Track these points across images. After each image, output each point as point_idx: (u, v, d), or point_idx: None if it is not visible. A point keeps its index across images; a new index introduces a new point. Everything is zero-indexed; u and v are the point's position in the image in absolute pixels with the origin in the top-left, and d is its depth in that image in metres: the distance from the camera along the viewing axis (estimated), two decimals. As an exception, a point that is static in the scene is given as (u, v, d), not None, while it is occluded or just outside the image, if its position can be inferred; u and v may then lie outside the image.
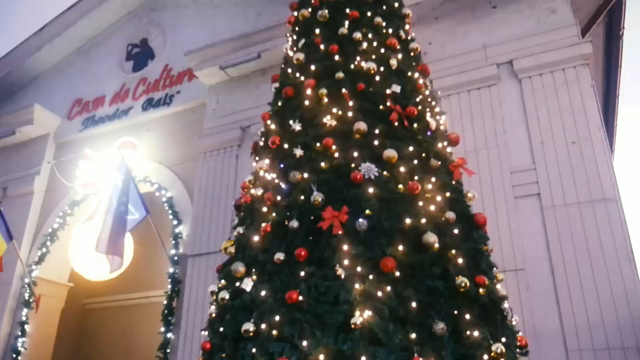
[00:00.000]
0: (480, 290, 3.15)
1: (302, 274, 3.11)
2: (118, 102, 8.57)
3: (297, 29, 4.56)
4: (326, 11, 4.30)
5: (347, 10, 4.27)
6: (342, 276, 3.01)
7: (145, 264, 8.45)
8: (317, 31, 4.27)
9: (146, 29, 9.07)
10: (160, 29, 8.88)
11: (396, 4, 4.60)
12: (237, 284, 3.34)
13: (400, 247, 3.12)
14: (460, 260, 3.19)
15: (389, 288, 2.99)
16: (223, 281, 3.59)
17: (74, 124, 8.95)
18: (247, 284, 3.27)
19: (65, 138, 8.96)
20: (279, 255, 3.23)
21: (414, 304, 2.95)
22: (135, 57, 8.93)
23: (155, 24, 9.00)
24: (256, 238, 3.44)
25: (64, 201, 8.28)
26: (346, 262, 3.06)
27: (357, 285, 2.96)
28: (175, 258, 6.81)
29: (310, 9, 4.47)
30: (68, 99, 9.25)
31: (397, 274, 3.05)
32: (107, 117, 8.56)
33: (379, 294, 2.94)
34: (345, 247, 3.11)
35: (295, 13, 4.68)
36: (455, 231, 3.32)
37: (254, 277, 3.31)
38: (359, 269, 3.04)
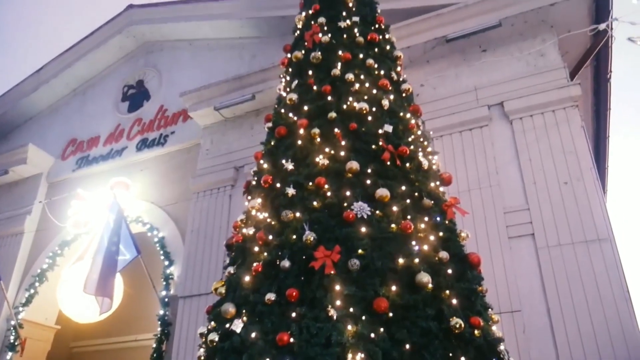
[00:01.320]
0: (476, 331, 3.08)
1: (294, 314, 3.04)
2: (112, 142, 8.61)
3: (290, 70, 4.62)
4: (319, 53, 4.37)
5: (340, 52, 4.34)
6: (334, 317, 2.94)
7: (135, 306, 8.30)
8: (310, 72, 4.33)
9: (142, 70, 9.21)
10: (157, 70, 9.01)
11: (388, 47, 4.68)
12: (227, 325, 3.26)
13: (394, 287, 3.07)
14: (454, 301, 3.13)
15: (382, 329, 2.92)
16: (213, 323, 3.50)
17: (68, 164, 8.95)
18: (237, 326, 3.19)
19: (58, 178, 8.95)
20: (270, 296, 3.17)
21: (407, 346, 2.88)
22: (130, 98, 9.02)
23: (151, 66, 9.14)
24: (247, 278, 3.38)
25: (54, 241, 8.19)
26: (338, 302, 3.00)
27: (349, 327, 2.89)
28: (166, 299, 6.68)
29: (303, 51, 4.54)
30: (62, 139, 9.29)
31: (391, 314, 2.98)
32: (101, 157, 8.58)
33: (372, 335, 2.87)
34: (337, 287, 3.05)
35: (289, 55, 4.76)
36: (449, 271, 3.27)
37: (245, 318, 3.23)
38: (351, 309, 2.98)
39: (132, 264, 6.33)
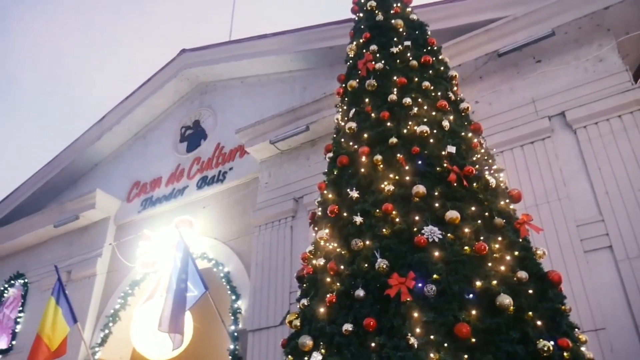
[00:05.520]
0: (565, 353, 2.95)
1: (373, 344, 3.01)
2: (174, 182, 8.90)
3: (346, 99, 4.67)
4: (374, 80, 4.40)
5: (395, 78, 4.36)
6: (415, 345, 2.89)
7: (205, 341, 8.39)
8: (367, 100, 4.36)
9: (198, 111, 9.53)
10: (211, 110, 9.31)
11: (442, 67, 4.67)
12: (306, 358, 3.26)
13: (473, 312, 3.00)
14: (539, 322, 3.02)
15: (466, 356, 2.85)
16: (290, 356, 3.51)
17: (133, 206, 9.30)
18: (316, 358, 3.19)
19: (125, 220, 9.30)
20: (347, 326, 3.15)
21: (494, 372, 2.79)
22: (188, 138, 9.33)
23: (206, 106, 9.45)
24: (322, 309, 3.39)
25: (125, 281, 8.47)
26: (418, 330, 2.95)
27: (432, 354, 2.83)
28: (235, 334, 6.75)
29: (357, 80, 4.59)
30: (127, 182, 9.68)
31: (473, 340, 2.91)
32: (164, 197, 8.86)
33: (457, 362, 2.80)
34: (415, 314, 3.01)
35: (344, 84, 4.82)
36: (530, 291, 3.16)
37: (323, 350, 3.22)
38: (432, 336, 2.92)
39: (200, 299, 6.45)
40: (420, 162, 3.72)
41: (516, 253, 3.38)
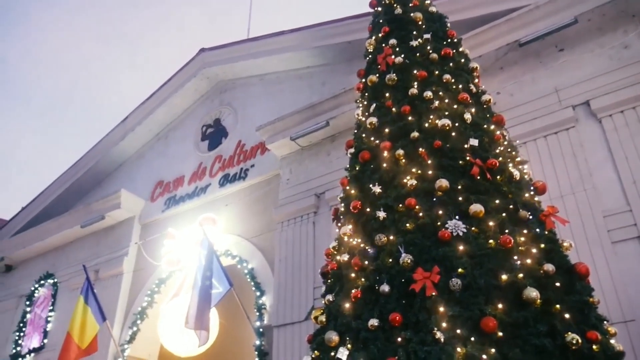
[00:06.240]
0: (594, 346, 2.91)
1: (399, 339, 3.02)
2: (196, 180, 8.99)
3: (366, 94, 4.66)
4: (394, 74, 4.38)
5: (415, 71, 4.33)
6: (442, 340, 2.88)
7: (231, 337, 8.49)
8: (387, 94, 4.35)
9: (218, 109, 9.61)
10: (232, 108, 9.37)
11: (462, 60, 4.62)
12: (332, 353, 3.28)
13: (500, 305, 2.98)
14: (567, 315, 2.98)
15: (493, 350, 2.83)
16: (316, 351, 3.53)
17: (157, 205, 9.43)
18: (343, 354, 3.20)
19: (150, 219, 9.43)
20: (373, 322, 3.16)
21: (522, 366, 2.77)
22: (209, 137, 9.42)
23: (226, 104, 9.52)
24: (347, 305, 3.40)
25: (151, 279, 8.60)
26: (444, 324, 2.94)
27: (458, 349, 2.83)
28: (260, 330, 6.81)
29: (377, 74, 4.57)
30: (150, 182, 9.82)
31: (500, 334, 2.89)
32: (187, 195, 8.97)
33: (484, 356, 2.78)
34: (441, 309, 3.00)
35: (363, 79, 4.80)
36: (557, 284, 3.12)
37: (349, 345, 3.24)
38: (458, 331, 2.91)
39: (225, 296, 6.52)
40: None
41: (542, 246, 3.34)
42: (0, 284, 11.37)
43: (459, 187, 3.53)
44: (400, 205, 3.56)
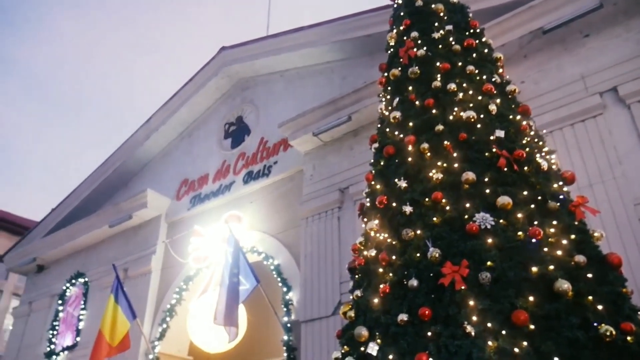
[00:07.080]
0: (628, 338, 2.86)
1: (429, 334, 3.01)
2: (221, 178, 9.08)
3: (389, 88, 4.63)
4: (416, 67, 4.35)
5: (438, 64, 4.29)
6: (472, 333, 2.87)
7: (259, 333, 8.57)
8: (410, 88, 4.32)
9: (240, 107, 9.67)
10: (253, 105, 9.42)
11: (486, 50, 4.56)
12: (362, 348, 3.29)
13: (531, 298, 2.94)
14: (599, 307, 2.94)
15: (525, 343, 2.80)
16: (346, 347, 3.55)
17: (183, 203, 9.55)
18: (373, 349, 3.21)
19: (176, 217, 9.56)
20: (402, 316, 3.16)
21: (555, 359, 2.74)
22: (232, 135, 9.49)
23: (248, 102, 9.57)
24: (376, 300, 3.40)
25: (179, 277, 8.73)
26: (474, 318, 2.92)
27: (489, 342, 2.80)
28: (288, 325, 6.86)
29: (400, 68, 4.54)
30: (175, 181, 9.95)
31: (532, 326, 2.86)
32: (212, 193, 9.06)
33: (516, 350, 2.76)
34: (471, 303, 2.98)
35: (386, 73, 4.78)
36: (589, 275, 3.08)
37: (379, 340, 3.25)
38: (489, 324, 2.89)
39: (253, 292, 6.58)
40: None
41: (572, 237, 3.29)
42: (33, 284, 11.68)
43: (486, 179, 3.50)
44: (427, 199, 3.55)
